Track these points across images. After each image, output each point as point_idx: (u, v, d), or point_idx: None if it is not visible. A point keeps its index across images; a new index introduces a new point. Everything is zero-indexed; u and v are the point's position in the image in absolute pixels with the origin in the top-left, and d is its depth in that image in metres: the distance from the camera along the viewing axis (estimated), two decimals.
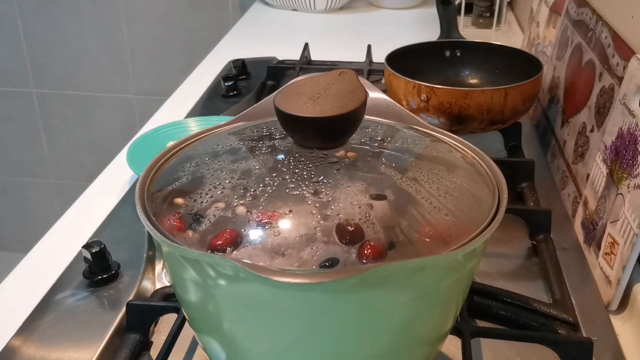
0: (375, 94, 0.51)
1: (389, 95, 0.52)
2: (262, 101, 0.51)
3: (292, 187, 0.38)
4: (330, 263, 0.34)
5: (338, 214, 0.36)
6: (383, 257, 0.35)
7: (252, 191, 0.38)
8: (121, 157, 0.82)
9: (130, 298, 0.54)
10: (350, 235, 0.35)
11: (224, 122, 0.50)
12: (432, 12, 1.34)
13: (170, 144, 0.47)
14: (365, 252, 0.35)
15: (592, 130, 0.66)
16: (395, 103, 0.51)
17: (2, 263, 1.17)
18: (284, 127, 0.42)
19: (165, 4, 1.71)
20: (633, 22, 0.63)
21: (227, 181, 0.39)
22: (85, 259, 0.56)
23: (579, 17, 0.78)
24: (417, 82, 0.74)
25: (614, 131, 0.59)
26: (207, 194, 0.39)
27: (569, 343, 0.48)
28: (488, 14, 1.33)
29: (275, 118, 0.42)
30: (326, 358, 0.38)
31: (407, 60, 0.82)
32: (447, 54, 0.88)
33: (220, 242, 0.36)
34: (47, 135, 1.94)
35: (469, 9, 1.34)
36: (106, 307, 0.54)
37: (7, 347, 0.50)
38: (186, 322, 0.49)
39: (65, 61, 1.82)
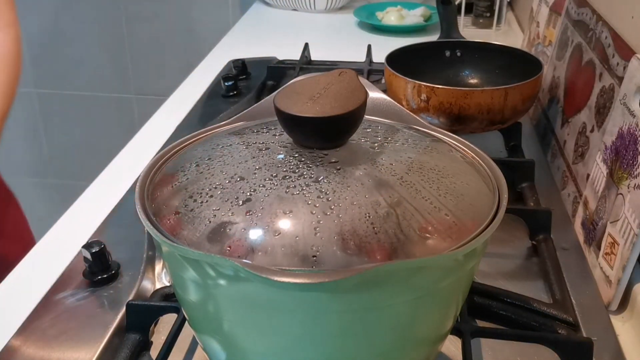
0: (375, 94, 0.51)
1: (389, 95, 0.52)
2: (262, 101, 0.51)
3: (292, 187, 0.38)
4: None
5: (339, 214, 0.36)
6: (384, 258, 0.35)
7: (252, 191, 0.38)
8: (121, 157, 0.82)
9: (130, 298, 0.54)
10: (353, 252, 0.35)
11: (224, 122, 0.50)
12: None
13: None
14: (366, 253, 0.35)
15: (592, 130, 0.66)
16: (395, 103, 0.51)
17: None
18: (284, 127, 0.42)
19: (165, 4, 1.71)
20: (633, 22, 0.63)
21: (227, 181, 0.39)
22: (85, 259, 0.56)
23: (579, 17, 0.78)
24: (417, 82, 0.74)
25: (614, 131, 0.59)
26: (207, 193, 0.39)
27: (569, 343, 0.48)
28: (488, 14, 1.33)
29: (275, 118, 0.42)
30: (326, 358, 0.38)
31: (407, 60, 0.82)
32: (447, 54, 0.88)
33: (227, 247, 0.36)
34: (47, 135, 1.94)
35: (469, 9, 1.34)
36: (106, 307, 0.54)
37: (7, 347, 0.50)
38: (186, 322, 0.49)
39: (65, 61, 1.82)
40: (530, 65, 0.79)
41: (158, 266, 0.60)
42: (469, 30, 1.32)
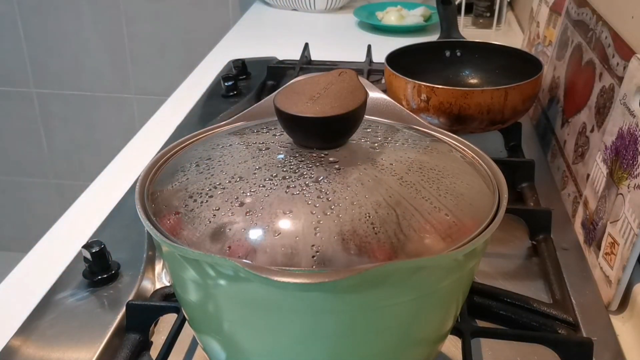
0: (375, 94, 0.51)
1: (389, 95, 0.52)
2: (262, 101, 0.51)
3: (292, 187, 0.38)
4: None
5: (339, 214, 0.36)
6: (384, 258, 0.35)
7: (252, 191, 0.38)
8: (121, 157, 0.82)
9: (130, 298, 0.54)
10: (353, 252, 0.35)
11: (224, 122, 0.50)
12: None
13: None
14: (366, 253, 0.35)
15: (592, 130, 0.66)
16: (395, 103, 0.51)
17: (2, 263, 1.17)
18: (284, 127, 0.42)
19: (165, 4, 1.71)
20: (633, 22, 0.63)
21: (227, 181, 0.39)
22: (85, 259, 0.56)
23: (579, 17, 0.78)
24: (417, 82, 0.74)
25: (614, 131, 0.59)
26: (207, 193, 0.39)
27: (569, 343, 0.48)
28: (488, 14, 1.33)
29: (275, 118, 0.42)
30: (326, 358, 0.38)
31: (407, 60, 0.82)
32: (447, 54, 0.88)
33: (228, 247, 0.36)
34: (47, 135, 1.94)
35: (469, 9, 1.34)
36: (106, 307, 0.54)
37: (7, 347, 0.50)
38: (186, 322, 0.49)
39: (65, 61, 1.82)
40: (530, 65, 0.79)
41: (158, 266, 0.60)
42: (469, 30, 1.32)
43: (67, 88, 1.85)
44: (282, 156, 0.41)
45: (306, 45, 1.12)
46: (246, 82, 1.03)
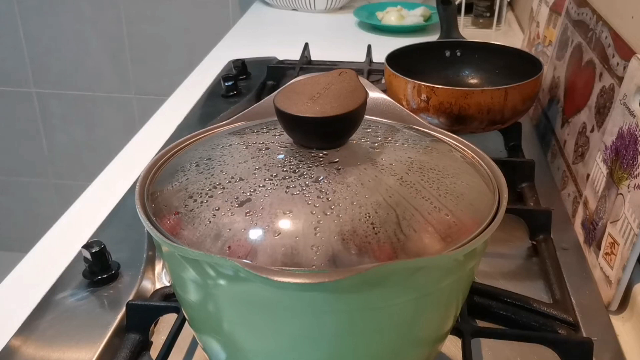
0: (375, 94, 0.51)
1: (389, 95, 0.52)
2: (262, 101, 0.51)
3: (292, 187, 0.38)
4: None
5: (339, 214, 0.36)
6: (384, 258, 0.35)
7: (252, 191, 0.38)
8: (121, 157, 0.82)
9: (130, 298, 0.54)
10: (353, 252, 0.35)
11: (224, 122, 0.50)
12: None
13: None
14: (366, 253, 0.35)
15: (592, 130, 0.66)
16: (395, 103, 0.51)
17: (2, 263, 1.17)
18: (284, 126, 0.42)
19: (165, 4, 1.71)
20: (633, 22, 0.63)
21: (227, 181, 0.39)
22: (85, 259, 0.56)
23: (579, 17, 0.78)
24: (417, 82, 0.74)
25: (614, 131, 0.59)
26: (207, 193, 0.39)
27: (569, 343, 0.48)
28: (488, 14, 1.33)
29: (276, 118, 0.42)
30: (326, 358, 0.38)
31: (407, 60, 0.82)
32: (447, 54, 0.88)
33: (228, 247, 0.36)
34: (47, 135, 1.94)
35: (469, 9, 1.35)
36: (106, 307, 0.54)
37: (7, 347, 0.50)
38: (186, 322, 0.49)
39: (65, 61, 1.82)
40: (530, 65, 0.79)
41: (158, 266, 0.60)
42: (469, 30, 1.32)
43: (67, 88, 1.85)
44: (282, 156, 0.41)
45: (306, 45, 1.12)
46: (246, 82, 1.03)
